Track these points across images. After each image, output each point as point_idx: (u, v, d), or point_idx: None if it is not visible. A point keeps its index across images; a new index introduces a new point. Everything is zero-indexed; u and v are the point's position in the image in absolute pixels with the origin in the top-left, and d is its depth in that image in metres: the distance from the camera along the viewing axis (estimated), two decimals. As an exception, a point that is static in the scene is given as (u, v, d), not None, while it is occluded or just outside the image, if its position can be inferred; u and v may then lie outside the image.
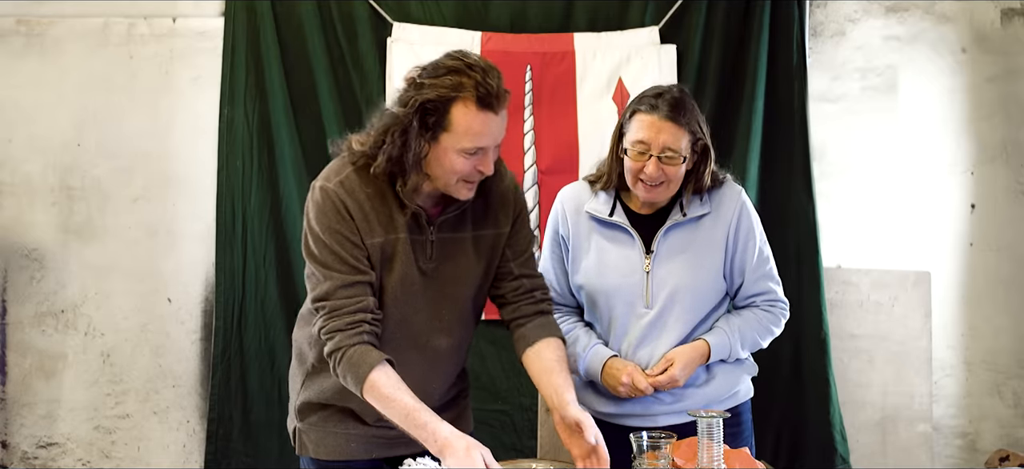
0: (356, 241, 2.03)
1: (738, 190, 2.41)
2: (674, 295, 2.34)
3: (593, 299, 2.42)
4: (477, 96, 1.95)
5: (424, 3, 3.65)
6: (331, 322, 2.02)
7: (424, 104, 1.95)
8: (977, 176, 3.75)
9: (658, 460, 2.06)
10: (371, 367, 1.99)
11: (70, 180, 3.72)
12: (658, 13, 3.63)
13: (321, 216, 2.03)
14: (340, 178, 2.05)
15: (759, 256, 2.39)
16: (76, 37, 3.70)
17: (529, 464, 2.35)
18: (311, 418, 2.21)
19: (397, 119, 1.98)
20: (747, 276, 2.39)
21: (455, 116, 1.96)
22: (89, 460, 3.74)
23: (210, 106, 3.67)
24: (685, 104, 2.32)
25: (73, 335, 3.73)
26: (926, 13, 3.74)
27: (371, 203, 2.04)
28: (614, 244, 2.39)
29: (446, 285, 2.14)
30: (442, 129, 1.97)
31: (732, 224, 2.36)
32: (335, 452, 2.20)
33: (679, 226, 2.36)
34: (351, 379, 2.01)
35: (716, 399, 2.40)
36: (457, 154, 1.98)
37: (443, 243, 2.12)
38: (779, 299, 2.45)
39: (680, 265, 2.35)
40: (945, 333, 3.76)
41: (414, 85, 1.98)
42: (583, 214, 2.42)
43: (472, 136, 1.97)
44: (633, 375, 2.32)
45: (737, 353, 2.40)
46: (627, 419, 2.40)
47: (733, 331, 2.38)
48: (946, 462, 3.77)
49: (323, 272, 2.03)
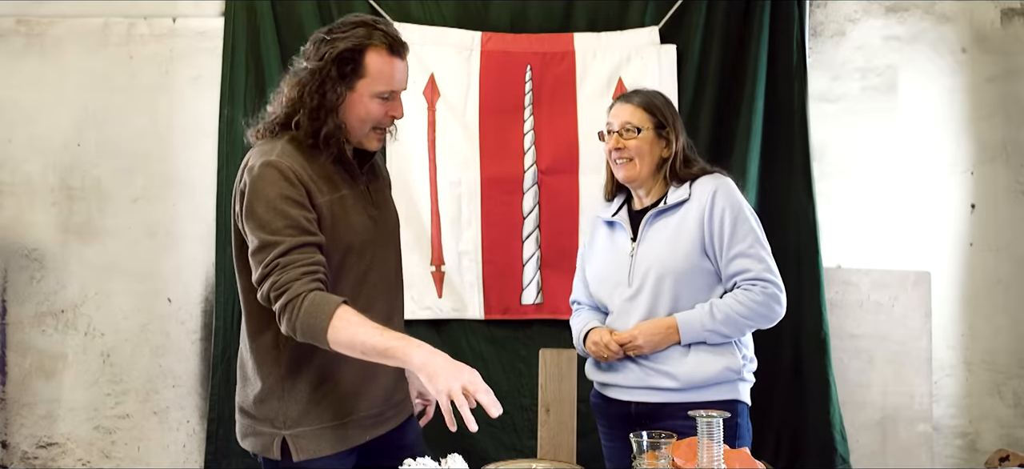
0: (306, 204, 2.10)
1: (719, 178, 2.58)
2: (649, 272, 2.54)
3: (597, 287, 2.66)
4: (387, 44, 2.14)
5: (424, 3, 3.65)
6: (284, 275, 2.04)
7: (341, 53, 2.11)
8: (977, 176, 3.76)
9: (658, 460, 2.06)
10: (335, 305, 2.02)
11: (70, 180, 3.72)
12: (658, 13, 3.63)
13: (270, 186, 2.08)
14: (278, 150, 2.13)
15: (733, 234, 2.49)
16: (76, 37, 3.70)
17: (529, 464, 2.35)
18: (305, 420, 2.19)
19: (313, 73, 2.12)
20: (724, 254, 2.50)
21: (370, 62, 2.13)
22: (89, 460, 3.75)
23: (210, 106, 3.67)
24: (650, 94, 2.66)
25: (73, 335, 3.73)
26: (926, 13, 3.74)
27: (311, 167, 2.13)
28: (613, 238, 2.66)
29: (389, 230, 2.32)
30: (358, 76, 2.13)
31: (706, 205, 2.52)
32: (336, 444, 2.20)
33: (661, 213, 2.58)
34: (314, 322, 2.01)
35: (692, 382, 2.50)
36: (371, 99, 2.15)
37: (375, 192, 2.29)
38: (760, 278, 2.48)
39: (659, 246, 2.55)
40: (945, 333, 3.76)
41: (325, 42, 2.13)
42: (598, 219, 2.74)
43: (386, 79, 2.15)
44: (601, 333, 2.58)
45: (711, 329, 2.48)
46: (610, 390, 2.63)
47: (705, 309, 2.49)
48: (946, 462, 3.77)
49: (274, 239, 2.06)
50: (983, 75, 3.74)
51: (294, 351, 2.16)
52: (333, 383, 2.20)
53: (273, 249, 2.05)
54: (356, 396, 2.23)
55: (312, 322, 2.01)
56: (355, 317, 2.02)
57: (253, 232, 2.09)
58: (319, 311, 2.00)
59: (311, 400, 2.19)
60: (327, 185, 2.16)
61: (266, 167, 2.10)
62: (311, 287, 2.03)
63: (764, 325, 2.52)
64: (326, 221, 2.13)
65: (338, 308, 2.01)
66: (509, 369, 3.65)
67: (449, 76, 3.62)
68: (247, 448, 2.26)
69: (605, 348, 2.55)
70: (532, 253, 3.62)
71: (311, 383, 2.19)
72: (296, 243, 2.05)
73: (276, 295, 2.04)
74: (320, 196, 2.13)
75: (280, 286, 2.03)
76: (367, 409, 2.25)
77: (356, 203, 2.21)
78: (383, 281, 2.27)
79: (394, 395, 2.33)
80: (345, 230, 2.17)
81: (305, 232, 2.07)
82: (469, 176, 3.61)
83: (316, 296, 2.02)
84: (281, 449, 2.19)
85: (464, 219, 3.62)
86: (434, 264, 3.62)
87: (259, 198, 2.08)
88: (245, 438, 2.26)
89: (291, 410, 2.18)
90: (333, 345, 2.02)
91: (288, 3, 3.63)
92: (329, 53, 2.11)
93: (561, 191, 3.61)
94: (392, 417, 2.32)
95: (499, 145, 3.61)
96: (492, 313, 3.65)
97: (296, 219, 2.07)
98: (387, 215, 2.33)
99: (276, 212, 2.07)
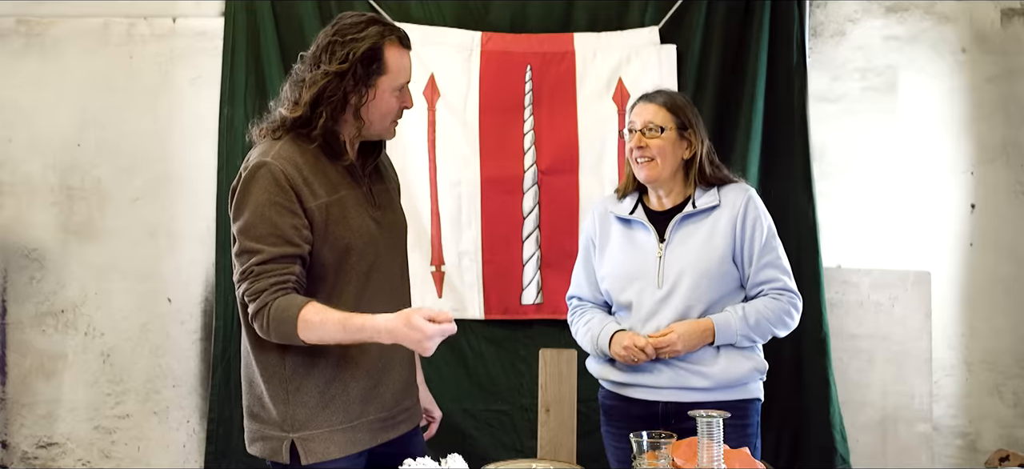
0: (295, 210, 2.10)
1: (748, 189, 2.65)
2: (682, 274, 2.55)
3: (616, 285, 2.64)
4: (399, 37, 2.20)
5: (424, 3, 3.65)
6: (257, 283, 2.08)
7: (365, 53, 2.14)
8: (977, 176, 3.76)
9: (658, 460, 2.06)
10: (301, 304, 2.07)
11: (70, 180, 3.72)
12: (658, 13, 3.63)
13: (261, 191, 2.09)
14: (275, 151, 2.13)
15: (765, 244, 2.58)
16: (76, 37, 3.70)
17: (529, 464, 2.36)
18: (313, 422, 2.19)
19: (339, 76, 2.14)
20: (754, 262, 2.56)
21: (389, 58, 2.18)
22: (89, 460, 3.75)
23: (210, 106, 3.67)
24: (674, 95, 2.67)
25: (73, 335, 3.73)
26: (926, 13, 3.74)
27: (309, 168, 2.14)
28: (633, 236, 2.65)
29: (394, 232, 2.32)
30: (380, 73, 2.17)
31: (739, 212, 2.58)
32: (346, 447, 2.19)
33: (690, 217, 2.60)
34: (283, 322, 2.06)
35: (723, 381, 2.54)
36: (391, 93, 2.20)
37: (379, 193, 2.29)
38: (788, 288, 2.61)
39: (689, 249, 2.57)
40: (945, 333, 3.75)
41: (341, 44, 2.15)
42: (609, 215, 2.70)
43: (404, 72, 2.21)
44: (633, 338, 2.54)
45: (744, 333, 2.54)
46: (634, 390, 2.60)
47: (739, 313, 2.54)
48: (946, 462, 3.77)
49: (256, 246, 2.09)
50: (983, 75, 3.73)
51: (299, 352, 2.16)
52: (342, 385, 2.19)
53: (253, 256, 2.09)
54: (366, 399, 2.22)
55: (282, 327, 2.07)
56: (320, 311, 2.07)
57: (237, 233, 2.12)
58: (287, 314, 2.06)
59: (319, 402, 2.18)
60: (325, 187, 2.15)
61: (260, 168, 2.11)
62: (278, 296, 2.07)
63: (782, 334, 2.62)
64: (319, 225, 2.13)
65: (304, 307, 2.06)
66: (509, 369, 3.65)
67: (449, 76, 3.61)
68: (255, 453, 2.25)
69: (640, 352, 2.52)
70: (532, 253, 3.62)
71: (318, 385, 2.18)
72: (275, 254, 2.09)
73: (249, 300, 2.10)
74: (313, 199, 2.12)
75: (253, 293, 2.09)
76: (377, 412, 2.24)
77: (358, 205, 2.20)
78: (387, 284, 2.27)
79: (404, 400, 2.32)
80: (343, 232, 2.16)
81: (287, 242, 2.09)
82: (469, 176, 3.61)
83: (282, 300, 2.07)
84: (290, 452, 2.18)
85: (464, 219, 3.62)
86: (434, 264, 3.62)
87: (248, 200, 2.10)
88: (253, 443, 2.25)
89: (299, 413, 2.18)
90: (308, 341, 2.08)
91: (288, 3, 3.63)
92: (352, 54, 2.13)
93: (561, 191, 3.61)
94: (403, 422, 2.31)
95: (499, 145, 3.61)
96: (492, 313, 3.65)
97: (280, 228, 2.09)
98: (391, 217, 2.32)
99: (262, 218, 2.09)
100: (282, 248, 2.09)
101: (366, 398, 2.22)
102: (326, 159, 2.17)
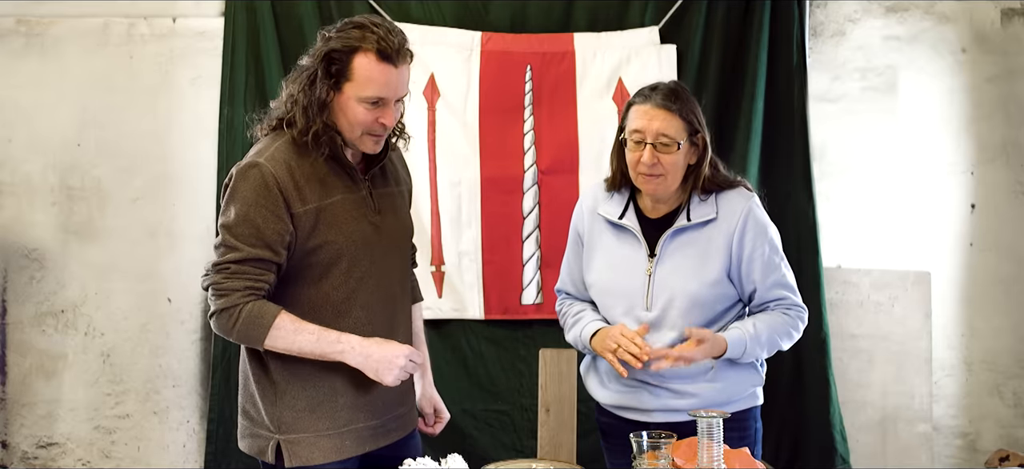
0: (281, 215, 2.10)
1: (748, 197, 2.43)
2: (673, 299, 2.37)
3: (600, 298, 2.48)
4: (378, 49, 2.08)
5: (424, 3, 3.65)
6: (229, 282, 2.10)
7: (329, 53, 2.09)
8: (977, 176, 3.76)
9: (658, 460, 2.06)
10: (274, 314, 2.09)
11: (70, 180, 3.72)
12: (658, 13, 3.63)
13: (250, 192, 2.10)
14: (269, 152, 2.13)
15: (767, 263, 2.40)
16: (76, 37, 3.70)
17: (529, 464, 2.35)
18: (299, 426, 2.19)
19: (304, 69, 2.13)
20: (758, 284, 2.40)
21: (356, 65, 2.09)
22: (89, 460, 3.75)
23: (210, 106, 3.67)
24: (680, 94, 2.38)
25: (73, 335, 3.73)
26: (926, 13, 3.74)
27: (301, 171, 2.13)
28: (621, 246, 2.44)
29: (394, 237, 2.28)
30: (345, 78, 2.10)
31: (736, 231, 2.38)
32: (330, 454, 2.19)
33: (684, 231, 2.39)
34: (253, 328, 2.09)
35: (720, 401, 2.39)
36: (358, 103, 2.11)
37: (380, 198, 2.25)
38: (795, 304, 2.45)
39: (681, 269, 2.38)
40: (945, 333, 3.75)
41: (322, 39, 2.13)
42: (597, 217, 2.48)
43: (372, 85, 2.10)
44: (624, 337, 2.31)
45: (753, 354, 2.39)
46: (628, 412, 2.46)
47: (749, 332, 2.37)
48: (946, 462, 3.77)
49: (235, 244, 2.10)
50: (983, 75, 3.73)
51: (292, 356, 2.15)
52: (330, 391, 2.19)
53: (230, 252, 2.11)
54: (355, 407, 2.21)
55: (250, 331, 2.10)
56: (292, 324, 2.09)
57: (221, 226, 2.14)
58: (258, 321, 2.08)
59: (307, 407, 2.18)
60: (318, 189, 2.14)
61: (252, 168, 2.11)
62: (249, 300, 2.09)
63: (787, 346, 2.47)
64: (305, 229, 2.12)
65: (276, 318, 2.08)
66: (509, 369, 3.65)
67: (449, 76, 3.61)
68: (244, 449, 2.27)
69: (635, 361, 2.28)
70: (532, 253, 3.62)
71: (308, 390, 2.18)
72: (253, 256, 2.09)
73: (216, 295, 2.12)
74: (302, 204, 2.11)
75: (223, 290, 2.10)
76: (367, 419, 2.23)
77: (354, 208, 2.18)
78: (383, 289, 2.24)
79: (398, 407, 2.31)
80: (334, 236, 2.15)
81: (267, 247, 2.10)
82: (469, 176, 3.61)
83: (255, 305, 2.09)
84: (275, 453, 2.18)
85: (464, 219, 3.62)
86: (434, 264, 3.62)
87: (235, 198, 2.11)
88: (243, 439, 2.27)
89: (285, 415, 2.18)
90: (272, 348, 2.11)
91: (288, 3, 3.63)
92: (321, 50, 2.11)
93: (561, 191, 3.60)
94: (394, 429, 2.30)
95: (499, 145, 3.61)
96: (492, 313, 3.65)
97: (263, 231, 2.09)
98: (392, 221, 2.27)
99: (245, 219, 2.09)
100: (260, 252, 2.09)
101: (356, 406, 2.21)
102: (324, 159, 2.15)
